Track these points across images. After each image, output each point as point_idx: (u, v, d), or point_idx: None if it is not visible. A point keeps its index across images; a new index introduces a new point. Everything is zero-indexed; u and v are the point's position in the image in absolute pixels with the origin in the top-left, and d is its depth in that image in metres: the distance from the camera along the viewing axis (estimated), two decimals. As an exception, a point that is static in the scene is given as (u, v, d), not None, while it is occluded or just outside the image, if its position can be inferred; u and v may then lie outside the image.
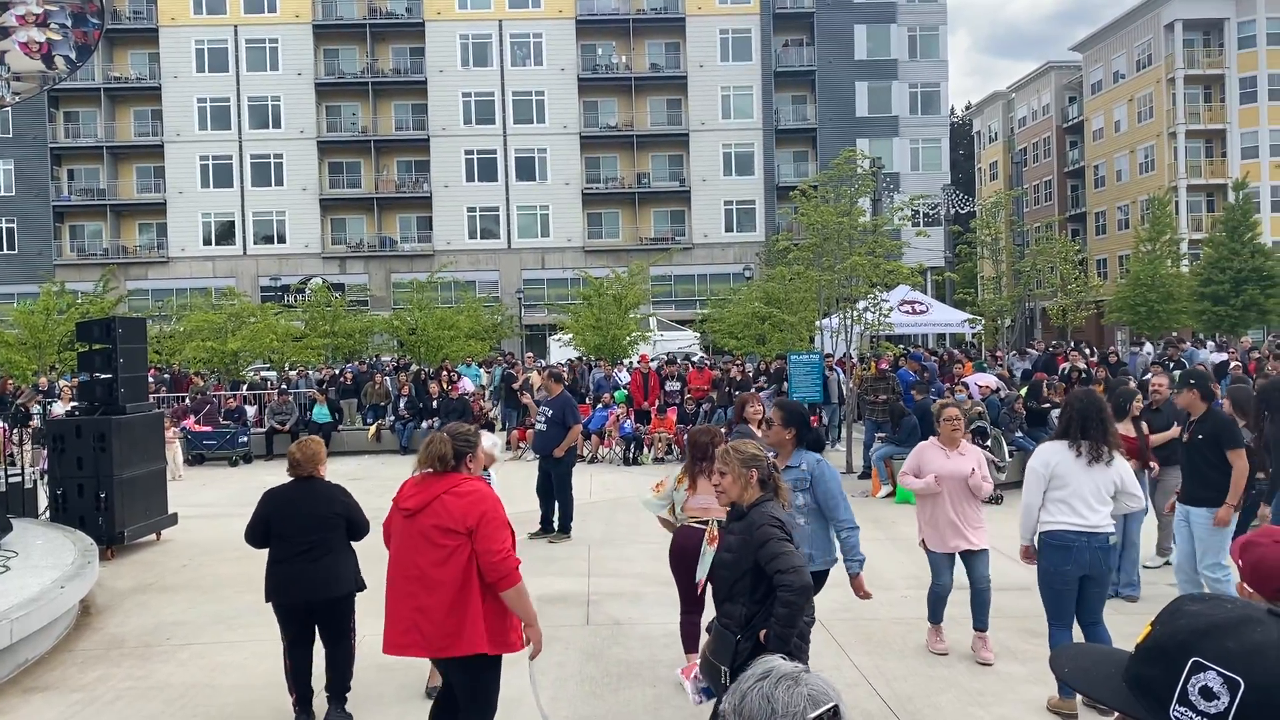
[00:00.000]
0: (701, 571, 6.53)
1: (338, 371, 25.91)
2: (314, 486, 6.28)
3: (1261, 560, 3.03)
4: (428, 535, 4.58)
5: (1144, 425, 9.21)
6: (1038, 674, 6.53)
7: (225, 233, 50.56)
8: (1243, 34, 50.87)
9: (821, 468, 5.77)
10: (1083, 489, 5.81)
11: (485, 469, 6.54)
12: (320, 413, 20.85)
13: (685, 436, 7.48)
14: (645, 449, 18.50)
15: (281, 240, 50.63)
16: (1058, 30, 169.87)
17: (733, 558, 4.45)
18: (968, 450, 7.42)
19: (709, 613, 6.96)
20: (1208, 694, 1.18)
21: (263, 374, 29.12)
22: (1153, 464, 9.10)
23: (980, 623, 7.18)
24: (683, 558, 6.58)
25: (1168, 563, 9.38)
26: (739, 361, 25.58)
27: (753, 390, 21.52)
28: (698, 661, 6.64)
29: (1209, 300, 39.44)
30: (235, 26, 50.12)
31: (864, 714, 6.01)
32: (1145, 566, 9.37)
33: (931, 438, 7.60)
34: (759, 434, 7.76)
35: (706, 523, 6.50)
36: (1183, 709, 1.20)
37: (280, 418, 20.76)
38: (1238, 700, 1.16)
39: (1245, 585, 3.05)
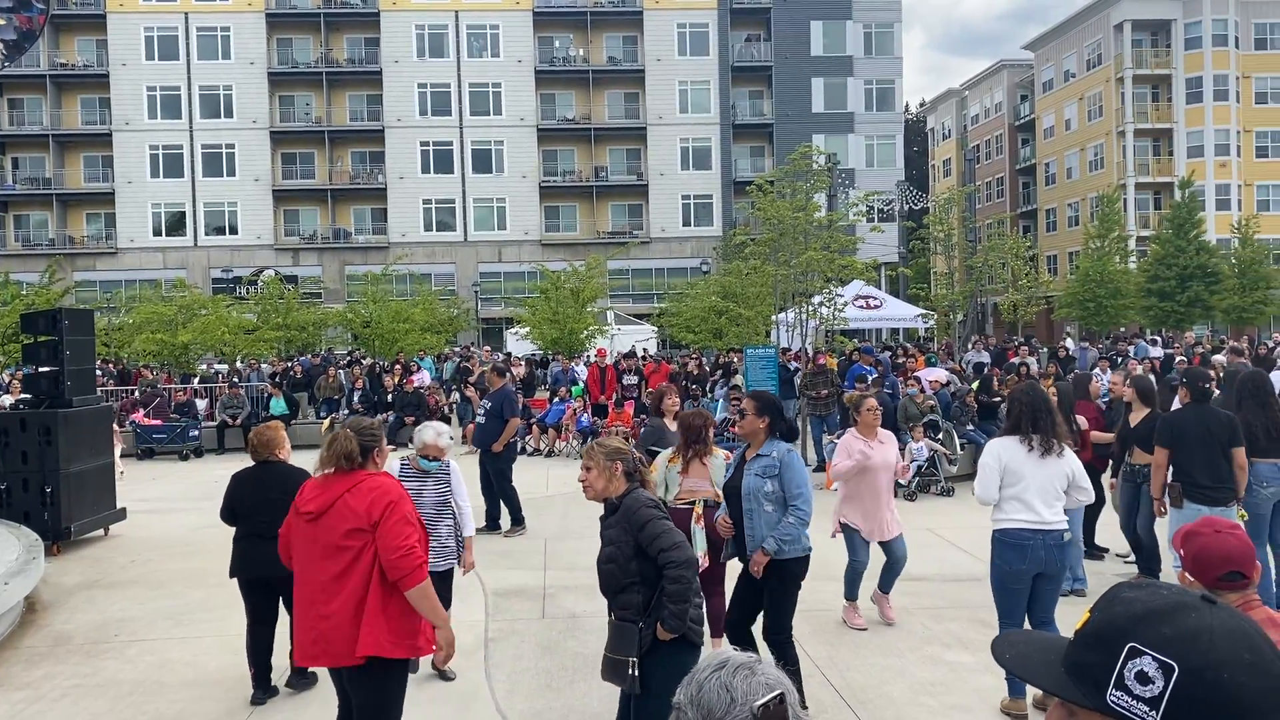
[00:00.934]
0: (696, 549, 6.64)
1: (289, 365, 25.61)
2: (272, 469, 6.45)
3: (1203, 550, 3.10)
4: (332, 540, 4.32)
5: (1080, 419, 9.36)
6: (988, 664, 6.62)
7: (175, 223, 49.73)
8: (1189, 35, 51.85)
9: (791, 457, 5.84)
10: (1036, 483, 5.85)
11: (436, 459, 6.57)
12: (277, 405, 20.63)
13: (676, 419, 7.59)
14: (602, 443, 18.50)
15: (233, 231, 49.91)
16: (1010, 29, 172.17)
17: (615, 550, 4.49)
18: (887, 439, 7.88)
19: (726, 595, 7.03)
20: (1143, 678, 1.21)
21: (214, 367, 28.74)
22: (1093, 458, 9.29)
23: (886, 586, 7.84)
24: None
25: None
26: (696, 355, 25.66)
27: (713, 383, 21.66)
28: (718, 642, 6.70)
29: (1156, 296, 40.18)
30: (186, 14, 49.26)
31: (817, 704, 6.07)
32: (1119, 557, 9.59)
33: (850, 429, 7.99)
34: (673, 427, 7.88)
35: (694, 503, 6.65)
36: (1119, 693, 1.23)
37: (232, 411, 20.50)
38: (1172, 684, 1.19)
39: (1186, 574, 3.13)
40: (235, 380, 23.20)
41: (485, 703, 6.26)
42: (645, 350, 29.52)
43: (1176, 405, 8.52)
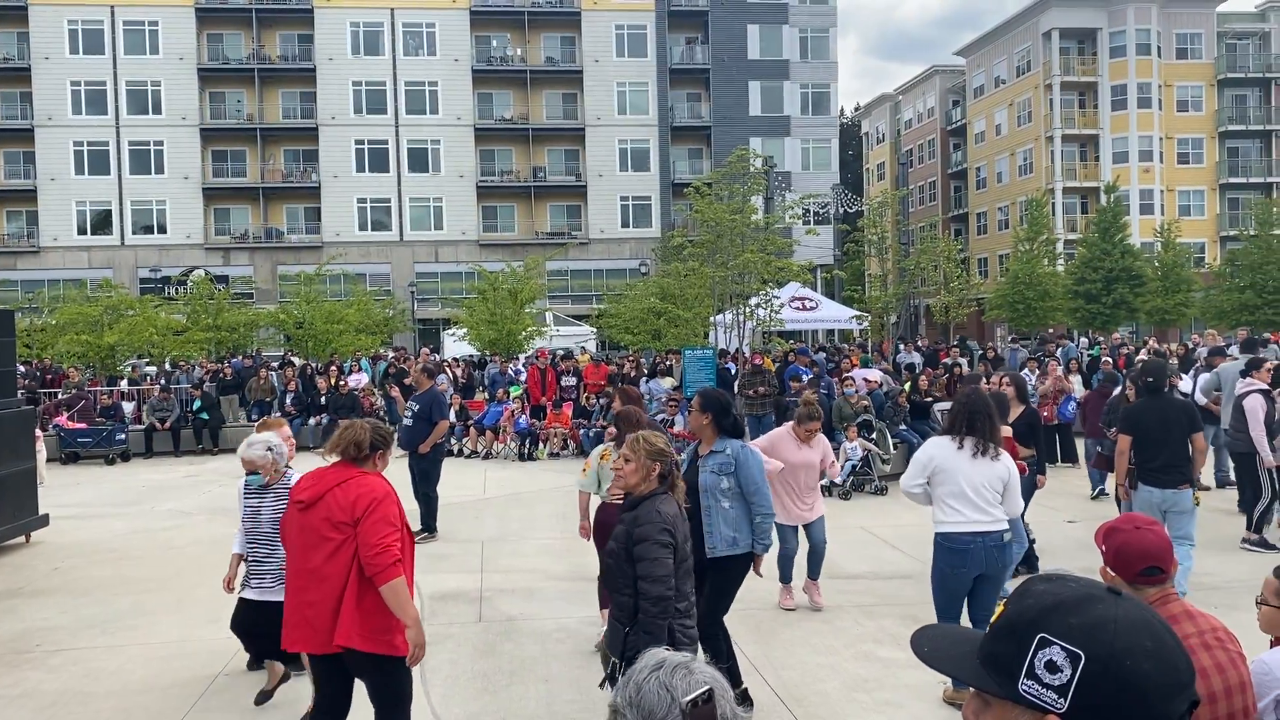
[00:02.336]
0: None
1: (220, 366, 25.11)
2: None
3: (1123, 546, 3.19)
4: (319, 529, 4.52)
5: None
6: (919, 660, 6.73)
7: (101, 222, 48.47)
8: (1114, 44, 53.27)
9: (745, 454, 5.92)
10: (971, 481, 5.91)
11: (254, 474, 6.34)
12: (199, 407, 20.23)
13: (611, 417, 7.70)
14: (541, 444, 18.45)
15: (162, 230, 48.78)
16: (943, 35, 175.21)
17: (617, 547, 4.47)
18: (816, 443, 8.17)
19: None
20: (1052, 667, 1.26)
21: (141, 369, 28.06)
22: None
23: (814, 573, 8.21)
24: (602, 533, 6.88)
25: None
26: (634, 357, 25.70)
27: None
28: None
29: (1082, 298, 41.17)
30: (112, 7, 48.03)
31: (753, 703, 6.12)
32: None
33: (787, 424, 8.16)
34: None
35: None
36: (1030, 682, 1.28)
37: (160, 414, 20.05)
38: (1079, 672, 1.24)
39: (1108, 570, 3.20)
40: (164, 383, 22.70)
41: (421, 706, 6.21)
42: (584, 349, 29.47)
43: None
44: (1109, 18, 53.20)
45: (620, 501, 6.79)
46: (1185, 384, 14.93)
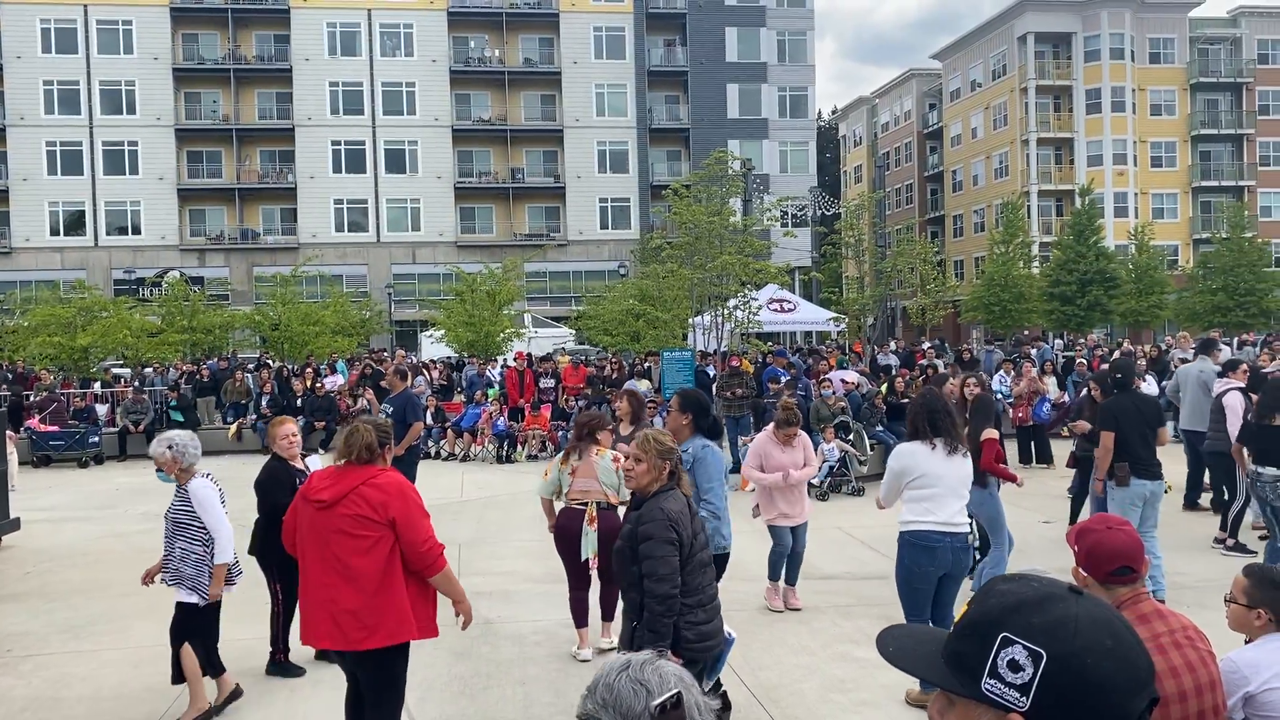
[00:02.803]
0: (586, 550, 6.75)
1: (195, 368, 24.93)
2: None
3: (1096, 546, 3.22)
4: (345, 527, 4.55)
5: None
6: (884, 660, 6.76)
7: (75, 223, 47.97)
8: (1088, 48, 53.73)
9: (705, 453, 5.92)
10: (947, 481, 5.96)
11: (161, 470, 6.21)
12: (175, 411, 20.05)
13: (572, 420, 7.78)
14: (519, 446, 18.41)
15: (136, 231, 48.36)
16: (920, 38, 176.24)
17: (624, 545, 4.47)
18: (798, 441, 8.33)
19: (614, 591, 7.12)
20: (1014, 666, 1.27)
21: (114, 371, 27.82)
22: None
23: (792, 579, 8.32)
24: (562, 537, 7.00)
25: None
26: (614, 359, 25.69)
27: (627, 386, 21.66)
28: (587, 634, 6.98)
29: (1057, 300, 41.46)
30: (85, 6, 47.57)
31: (730, 705, 6.12)
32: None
33: (767, 429, 8.22)
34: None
35: (586, 504, 6.76)
36: (993, 681, 1.29)
37: (134, 417, 19.88)
38: (1040, 670, 1.26)
39: (1080, 570, 3.23)
40: (138, 385, 22.51)
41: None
42: (564, 351, 29.39)
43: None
44: (1083, 22, 53.65)
45: (577, 505, 6.89)
46: (1149, 385, 15.10)
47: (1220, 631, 3.63)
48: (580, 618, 7.09)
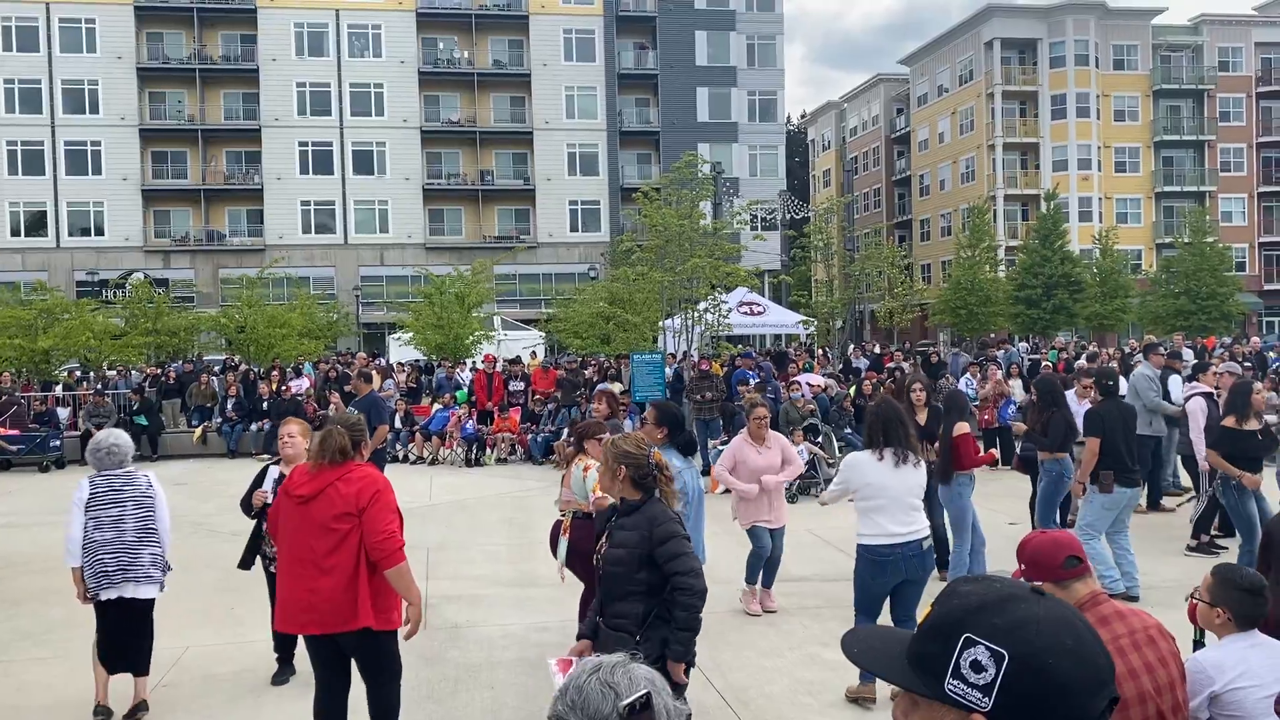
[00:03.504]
0: (559, 559, 6.72)
1: (160, 371, 24.65)
2: None
3: (1036, 549, 3.31)
4: (321, 521, 4.77)
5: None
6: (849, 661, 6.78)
7: (36, 223, 47.26)
8: (1054, 54, 54.35)
9: (684, 476, 5.81)
10: (893, 493, 6.02)
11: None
12: (139, 415, 19.81)
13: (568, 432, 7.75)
14: (488, 450, 18.34)
15: (99, 233, 47.73)
16: (888, 43, 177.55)
17: (626, 553, 4.37)
18: (773, 443, 8.29)
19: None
20: (977, 667, 1.28)
21: (77, 374, 27.45)
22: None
23: (769, 581, 8.28)
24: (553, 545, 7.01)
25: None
26: (589, 361, 25.66)
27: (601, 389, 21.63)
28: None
29: (1023, 304, 41.87)
30: (47, 4, 46.89)
31: (700, 707, 6.13)
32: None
33: (743, 432, 8.23)
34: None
35: (564, 515, 6.74)
36: (956, 682, 1.30)
37: (97, 420, 19.58)
38: (1002, 671, 1.27)
39: (1033, 582, 3.28)
40: (101, 387, 22.21)
41: (362, 715, 6.13)
42: (534, 354, 29.34)
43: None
44: (1049, 29, 54.27)
45: (561, 515, 6.84)
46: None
47: (1185, 632, 3.67)
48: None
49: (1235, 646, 3.42)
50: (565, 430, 14.40)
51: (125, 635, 6.14)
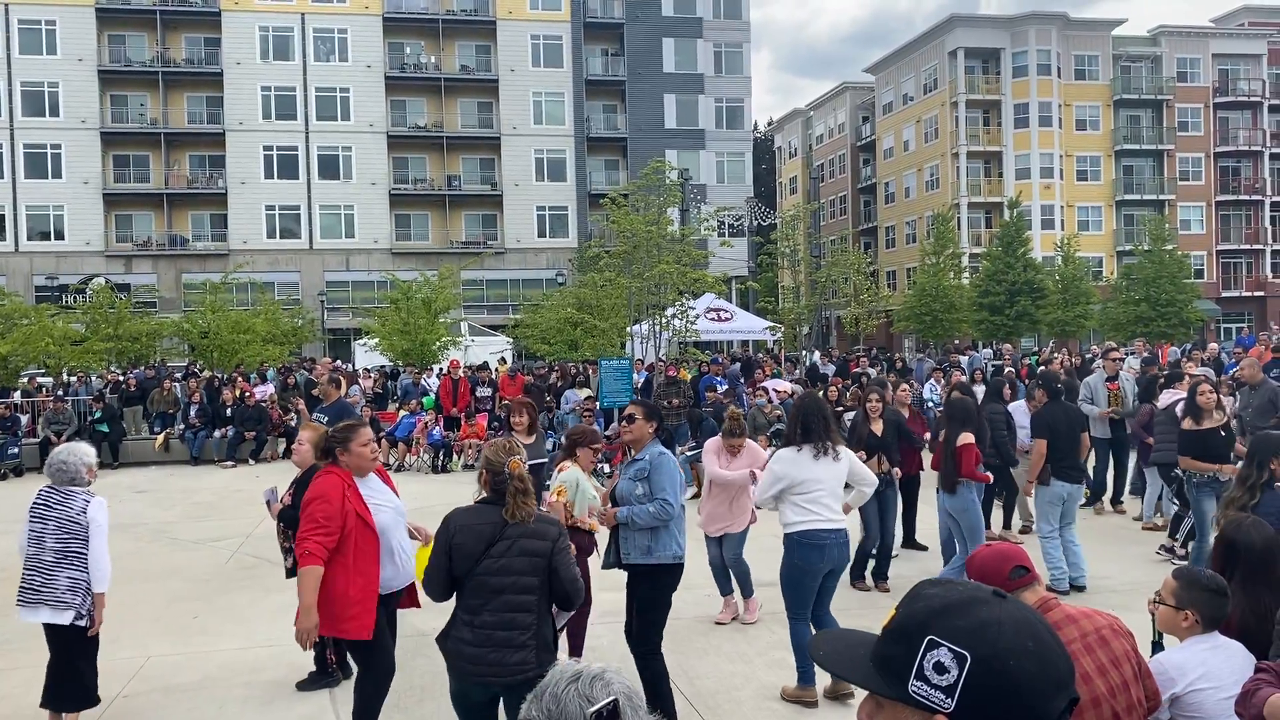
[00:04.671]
0: None
1: (121, 378, 24.31)
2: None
3: (984, 562, 3.37)
4: None
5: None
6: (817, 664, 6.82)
7: (-7, 228, 46.54)
8: (1016, 64, 55.01)
9: (661, 460, 5.88)
10: (821, 484, 6.18)
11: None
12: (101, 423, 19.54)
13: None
14: (455, 456, 18.26)
15: (59, 237, 47.04)
16: (854, 52, 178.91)
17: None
18: (743, 456, 8.27)
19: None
20: (940, 668, 1.31)
21: (37, 380, 27.01)
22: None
23: (746, 590, 8.16)
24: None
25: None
26: (558, 368, 25.62)
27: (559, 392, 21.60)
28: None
29: (987, 310, 42.28)
30: (6, 5, 46.22)
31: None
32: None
33: (717, 437, 8.39)
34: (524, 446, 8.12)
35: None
36: (919, 683, 1.32)
37: (56, 427, 19.32)
38: (965, 672, 1.29)
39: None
40: (61, 394, 21.88)
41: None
42: (503, 360, 29.26)
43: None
44: (1011, 38, 54.91)
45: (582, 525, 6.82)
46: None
47: (1148, 634, 3.72)
48: (575, 641, 7.00)
49: (1197, 648, 3.46)
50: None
51: (52, 665, 5.79)
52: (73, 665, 5.78)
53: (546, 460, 8.85)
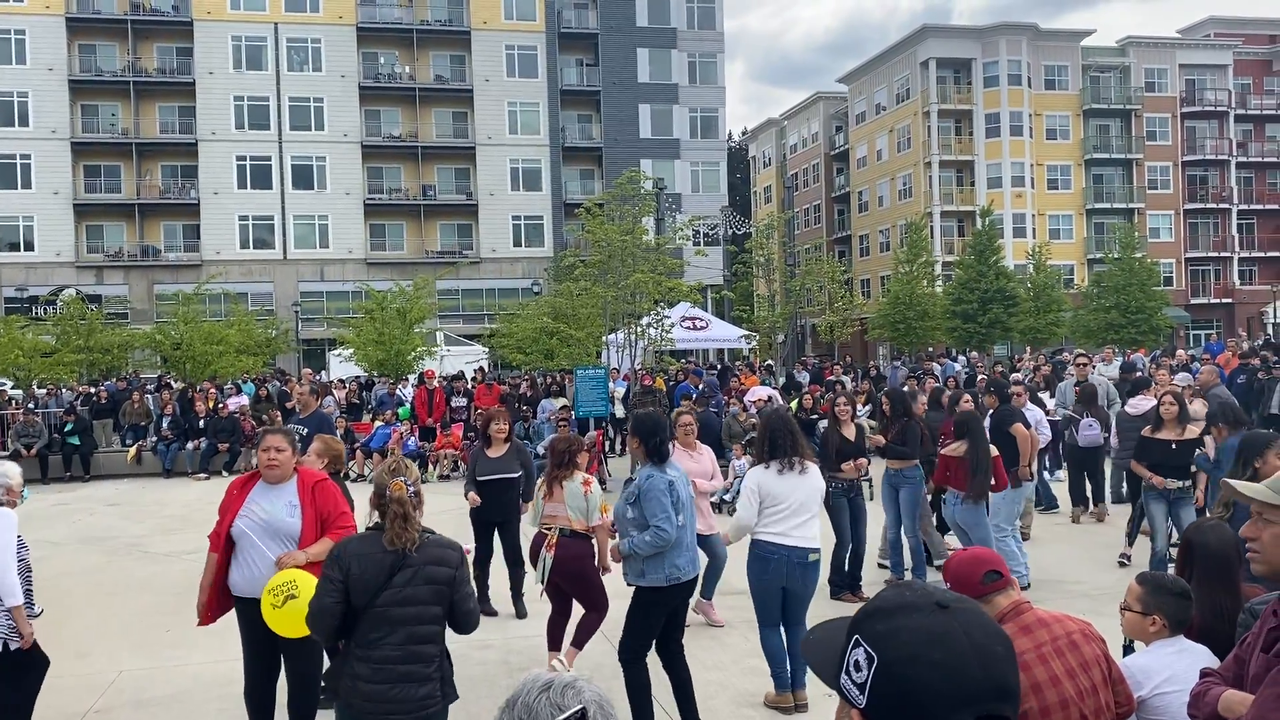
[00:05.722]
0: (538, 575, 6.69)
1: (93, 390, 24.11)
2: None
3: (958, 566, 3.42)
4: None
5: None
6: (808, 675, 6.87)
7: (-39, 238, 46.00)
8: (987, 74, 55.53)
9: (649, 484, 5.76)
10: (793, 500, 6.18)
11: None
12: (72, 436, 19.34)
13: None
14: (430, 467, 18.21)
15: (29, 248, 46.55)
16: (827, 61, 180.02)
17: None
18: (703, 451, 8.50)
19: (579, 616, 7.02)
20: (857, 666, 1.40)
21: (7, 392, 26.75)
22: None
23: (707, 593, 8.29)
24: (533, 561, 7.02)
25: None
26: (529, 377, 25.61)
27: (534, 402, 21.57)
28: (555, 657, 6.91)
29: (960, 318, 42.59)
30: (-26, 14, 45.82)
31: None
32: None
33: (673, 444, 8.40)
34: (494, 453, 8.69)
35: (550, 530, 6.71)
36: (845, 677, 1.43)
37: (26, 440, 19.12)
38: (871, 672, 1.38)
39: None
40: (32, 406, 21.66)
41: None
42: (481, 371, 29.20)
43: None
44: (983, 48, 55.43)
45: (545, 530, 6.85)
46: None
47: (1119, 638, 3.78)
48: (553, 641, 7.02)
49: (1163, 652, 3.50)
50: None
51: None
52: (5, 697, 5.33)
53: (518, 475, 8.76)
